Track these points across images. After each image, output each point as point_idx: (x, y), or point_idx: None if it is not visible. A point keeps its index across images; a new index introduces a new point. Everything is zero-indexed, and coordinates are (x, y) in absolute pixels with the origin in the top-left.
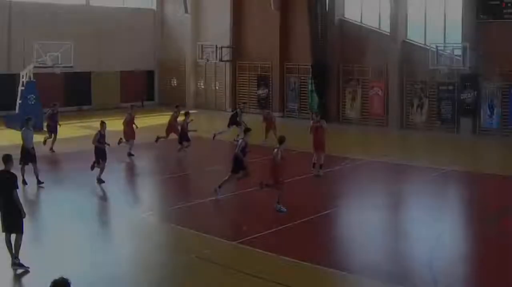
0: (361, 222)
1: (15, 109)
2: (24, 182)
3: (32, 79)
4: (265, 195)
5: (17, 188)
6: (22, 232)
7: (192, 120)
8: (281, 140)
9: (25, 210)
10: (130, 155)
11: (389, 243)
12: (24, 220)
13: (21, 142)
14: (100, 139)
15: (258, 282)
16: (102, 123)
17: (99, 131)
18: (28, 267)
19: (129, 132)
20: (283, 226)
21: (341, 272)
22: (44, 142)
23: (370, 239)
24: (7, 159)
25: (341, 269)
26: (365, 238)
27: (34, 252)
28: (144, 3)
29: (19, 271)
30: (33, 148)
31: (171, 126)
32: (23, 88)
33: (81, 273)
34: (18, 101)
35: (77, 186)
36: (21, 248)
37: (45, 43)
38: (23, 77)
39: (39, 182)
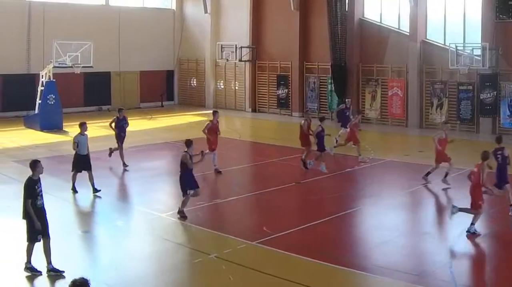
0: (382, 222)
1: (34, 109)
2: (75, 190)
3: (51, 79)
4: (285, 195)
5: (30, 197)
6: (27, 240)
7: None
8: None
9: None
10: (217, 171)
11: (409, 243)
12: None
13: (38, 142)
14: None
15: (278, 282)
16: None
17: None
18: (40, 272)
19: (213, 141)
20: (303, 226)
21: (361, 272)
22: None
23: (390, 239)
24: (34, 165)
25: (361, 269)
26: (385, 238)
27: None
28: (164, 3)
29: (30, 274)
30: (87, 154)
31: (303, 135)
32: (42, 88)
33: (101, 273)
34: (38, 101)
35: (96, 186)
36: (32, 252)
37: (65, 43)
38: (42, 77)
39: (95, 190)
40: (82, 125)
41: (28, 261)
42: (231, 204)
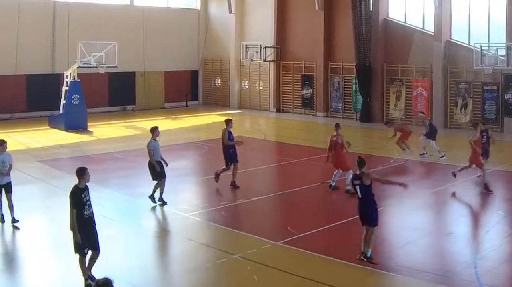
0: (406, 222)
1: (59, 109)
2: (155, 200)
3: (76, 79)
4: (309, 195)
5: (76, 207)
6: (75, 252)
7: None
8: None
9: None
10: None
11: (434, 243)
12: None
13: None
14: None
15: (303, 282)
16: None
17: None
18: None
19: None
20: (328, 226)
21: (386, 273)
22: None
23: (415, 239)
24: (81, 173)
25: (385, 269)
26: (410, 238)
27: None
28: (188, 3)
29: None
30: (161, 161)
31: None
32: (67, 88)
33: (126, 273)
34: (62, 101)
35: (121, 186)
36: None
37: (89, 43)
38: (67, 77)
39: (163, 203)
40: (154, 131)
41: (84, 276)
42: (255, 204)
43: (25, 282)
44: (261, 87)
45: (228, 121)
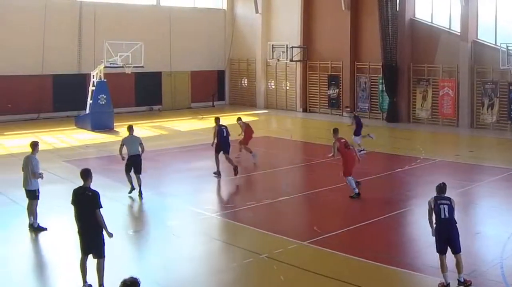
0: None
1: (85, 109)
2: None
3: (102, 79)
4: (335, 195)
5: (101, 207)
6: (102, 257)
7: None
8: None
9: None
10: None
11: (461, 243)
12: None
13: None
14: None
15: (330, 282)
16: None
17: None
18: None
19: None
20: (354, 226)
21: (412, 272)
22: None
23: None
24: (87, 174)
25: (412, 269)
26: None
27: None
28: (215, 3)
29: None
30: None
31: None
32: (93, 88)
33: (151, 273)
34: (89, 101)
35: (147, 186)
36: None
37: (116, 43)
38: (93, 77)
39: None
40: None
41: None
42: (281, 204)
43: (54, 283)
44: (287, 87)
45: (216, 119)
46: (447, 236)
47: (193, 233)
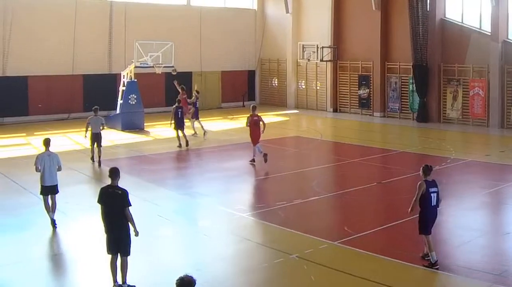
0: (463, 222)
1: (115, 109)
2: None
3: (133, 79)
4: (366, 195)
5: (130, 205)
6: (128, 254)
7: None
8: None
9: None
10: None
11: (491, 243)
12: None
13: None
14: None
15: (360, 282)
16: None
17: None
18: None
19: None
20: (385, 226)
21: (443, 272)
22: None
23: (471, 239)
24: (116, 173)
25: (442, 269)
26: (466, 238)
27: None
28: (245, 3)
29: None
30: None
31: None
32: (124, 88)
33: (181, 273)
34: (119, 101)
35: (178, 186)
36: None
37: (146, 43)
38: (124, 77)
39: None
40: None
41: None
42: (312, 204)
43: (77, 282)
44: (318, 87)
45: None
46: (434, 220)
47: (224, 233)
